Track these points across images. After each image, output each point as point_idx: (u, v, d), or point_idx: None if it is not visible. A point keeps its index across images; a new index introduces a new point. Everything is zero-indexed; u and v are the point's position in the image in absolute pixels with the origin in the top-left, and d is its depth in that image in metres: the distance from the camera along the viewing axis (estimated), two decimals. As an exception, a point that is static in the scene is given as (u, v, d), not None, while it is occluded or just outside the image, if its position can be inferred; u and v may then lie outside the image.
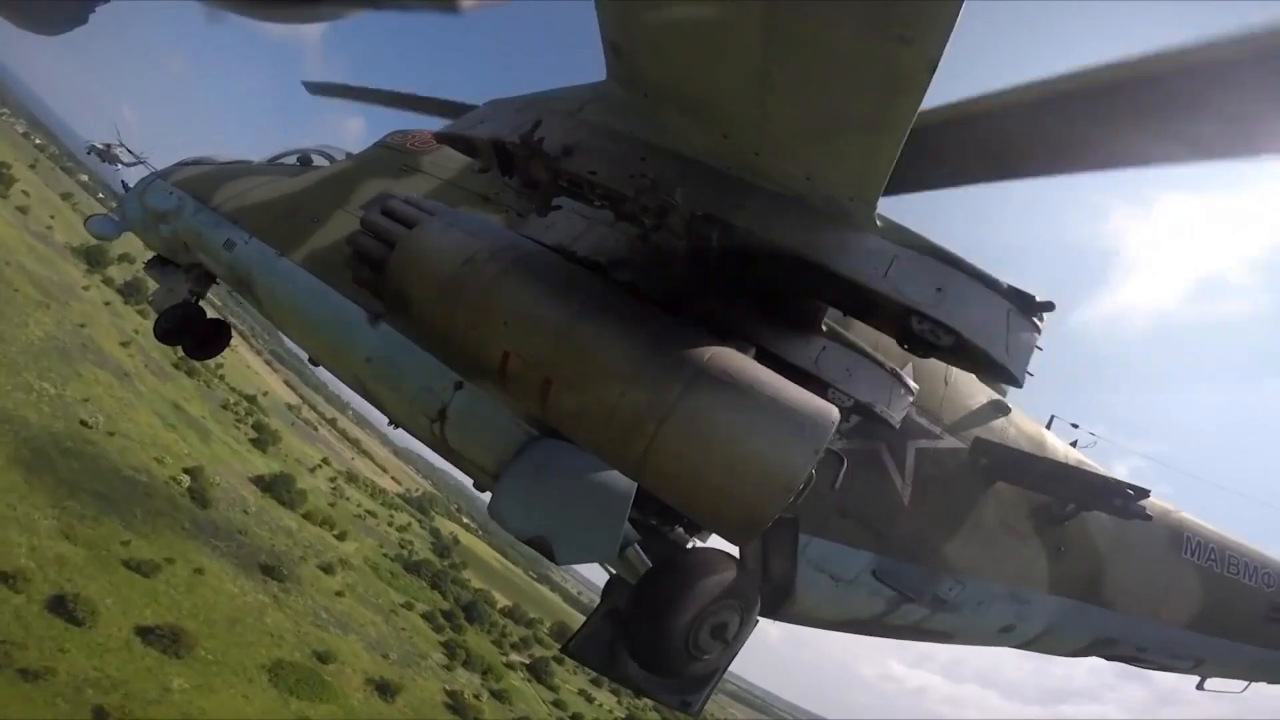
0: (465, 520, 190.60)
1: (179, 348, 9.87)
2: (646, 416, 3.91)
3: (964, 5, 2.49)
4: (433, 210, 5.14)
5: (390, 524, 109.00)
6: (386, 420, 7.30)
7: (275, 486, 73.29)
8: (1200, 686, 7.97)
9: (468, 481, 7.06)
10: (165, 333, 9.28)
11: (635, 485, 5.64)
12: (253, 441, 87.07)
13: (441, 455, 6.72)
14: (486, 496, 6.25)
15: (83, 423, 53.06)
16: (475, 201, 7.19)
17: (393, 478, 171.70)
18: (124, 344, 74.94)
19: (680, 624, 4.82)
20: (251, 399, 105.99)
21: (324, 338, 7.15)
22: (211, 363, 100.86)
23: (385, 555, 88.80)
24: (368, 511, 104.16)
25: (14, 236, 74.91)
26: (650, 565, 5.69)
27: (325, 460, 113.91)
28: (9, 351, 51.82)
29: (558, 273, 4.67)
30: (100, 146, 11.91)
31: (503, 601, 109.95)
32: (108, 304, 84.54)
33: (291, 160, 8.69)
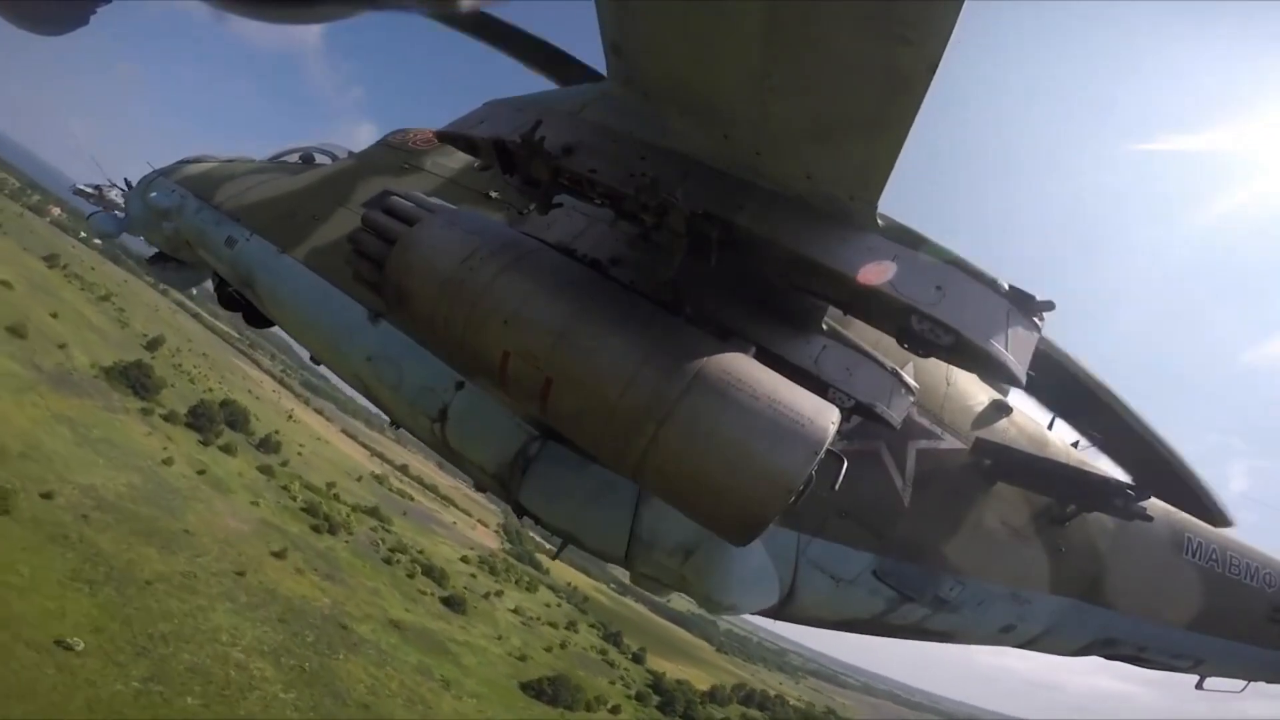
0: (539, 539, 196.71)
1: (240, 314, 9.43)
2: (646, 417, 3.90)
3: (964, 5, 2.49)
4: (433, 208, 5.13)
5: (562, 627, 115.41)
6: (389, 421, 7.31)
7: (557, 694, 77.00)
8: (1200, 686, 7.96)
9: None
10: (229, 299, 9.19)
11: (636, 489, 5.66)
12: (446, 603, 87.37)
13: (441, 455, 6.73)
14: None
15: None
16: (476, 199, 7.19)
17: (479, 521, 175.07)
18: (278, 554, 64.35)
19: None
20: (372, 511, 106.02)
21: (325, 336, 7.15)
22: (322, 483, 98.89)
23: (629, 697, 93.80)
24: (549, 624, 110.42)
25: (35, 416, 53.36)
26: None
27: (464, 559, 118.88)
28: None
29: (558, 272, 4.66)
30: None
31: (697, 683, 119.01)
32: (201, 473, 69.30)
33: (293, 158, 8.72)
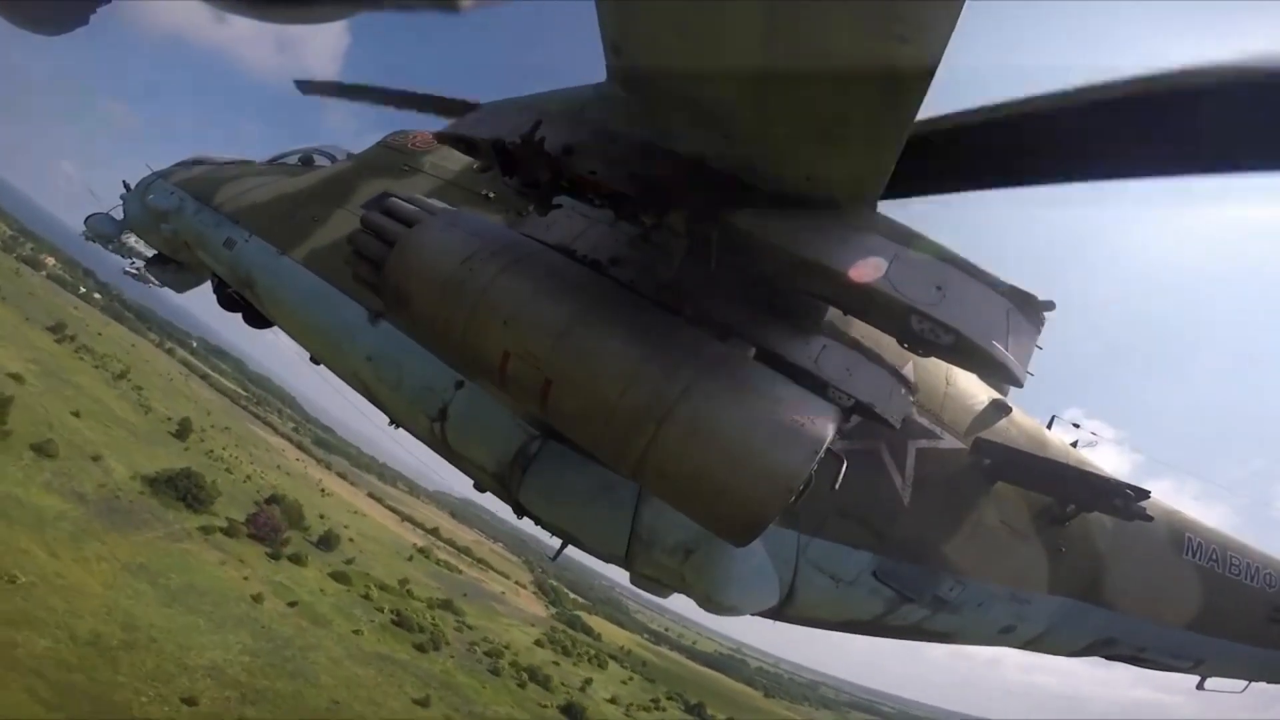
0: (576, 597, 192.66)
1: (240, 315, 9.32)
2: (646, 416, 3.91)
3: (964, 6, 2.49)
4: (433, 209, 5.14)
5: (650, 707, 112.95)
6: (387, 421, 7.30)
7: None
8: (1200, 686, 7.96)
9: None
10: (228, 300, 9.14)
11: (636, 489, 5.66)
12: (567, 713, 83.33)
13: (441, 455, 6.73)
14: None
15: None
16: (476, 201, 7.19)
17: (518, 583, 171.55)
18: (421, 701, 61.12)
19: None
20: (446, 604, 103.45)
21: (325, 336, 7.16)
22: (390, 579, 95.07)
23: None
24: (641, 709, 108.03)
25: (106, 576, 48.18)
26: None
27: (538, 642, 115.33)
28: None
29: (558, 272, 4.67)
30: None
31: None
32: (293, 605, 65.12)
33: (293, 160, 8.72)
